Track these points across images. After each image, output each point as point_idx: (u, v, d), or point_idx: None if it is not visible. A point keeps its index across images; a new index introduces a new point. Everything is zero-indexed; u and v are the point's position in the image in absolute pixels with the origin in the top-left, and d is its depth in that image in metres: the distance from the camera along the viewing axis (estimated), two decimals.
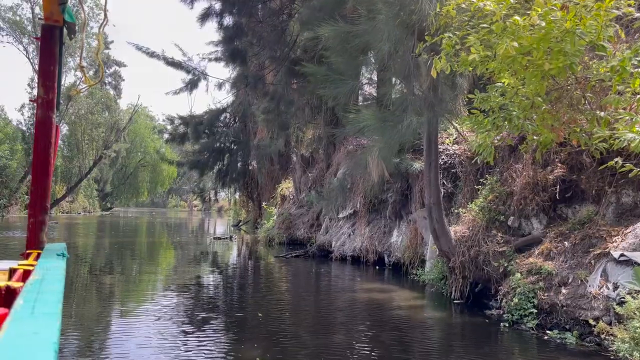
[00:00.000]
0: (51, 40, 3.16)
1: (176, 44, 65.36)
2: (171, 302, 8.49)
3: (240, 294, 10.12)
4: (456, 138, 10.75)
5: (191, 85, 26.75)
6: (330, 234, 15.57)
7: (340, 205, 9.45)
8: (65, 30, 3.35)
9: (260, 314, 7.75)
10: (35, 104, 3.09)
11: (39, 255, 2.57)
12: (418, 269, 11.26)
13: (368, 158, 7.86)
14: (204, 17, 15.82)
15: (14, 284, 1.73)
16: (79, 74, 46.23)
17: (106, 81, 55.16)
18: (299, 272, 13.20)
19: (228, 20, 16.33)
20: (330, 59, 10.23)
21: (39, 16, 46.40)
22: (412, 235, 11.70)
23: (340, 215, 15.61)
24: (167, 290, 9.90)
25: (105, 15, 3.97)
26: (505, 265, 7.66)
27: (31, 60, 45.72)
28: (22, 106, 44.84)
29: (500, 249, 7.85)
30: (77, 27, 3.61)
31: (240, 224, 32.84)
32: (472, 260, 8.13)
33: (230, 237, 21.80)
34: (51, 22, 3.15)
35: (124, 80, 64.13)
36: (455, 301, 8.66)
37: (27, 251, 2.86)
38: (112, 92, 55.82)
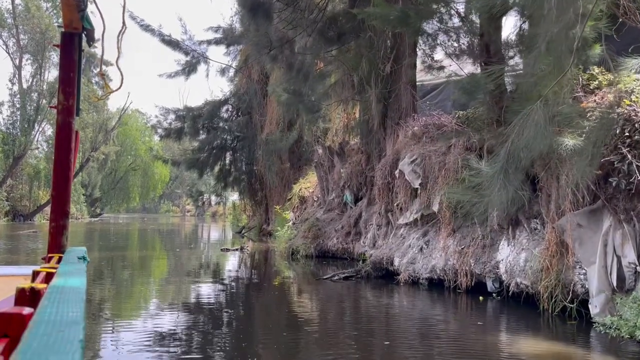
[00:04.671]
0: (71, 47, 3.09)
1: (179, 18, 51.99)
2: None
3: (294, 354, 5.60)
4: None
5: (189, 68, 22.10)
6: (388, 247, 11.08)
7: (496, 202, 5.27)
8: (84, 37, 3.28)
9: None
10: (55, 110, 3.09)
11: (60, 259, 2.54)
12: (562, 302, 6.84)
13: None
14: None
15: (38, 285, 1.56)
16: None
17: (93, 81, 50.64)
18: (365, 308, 8.70)
19: None
20: None
21: (20, 7, 41.49)
22: (550, 253, 7.27)
23: (401, 221, 11.16)
24: (175, 330, 5.43)
25: (124, 22, 3.65)
26: None
27: (11, 56, 40.72)
28: (1, 104, 39.78)
29: None
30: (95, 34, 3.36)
31: (244, 231, 28.22)
32: None
33: (241, 248, 17.22)
34: (71, 30, 3.08)
35: (111, 80, 59.29)
36: None
37: (49, 255, 2.81)
38: (99, 92, 51.06)
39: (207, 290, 10.01)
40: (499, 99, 7.76)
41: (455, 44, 9.20)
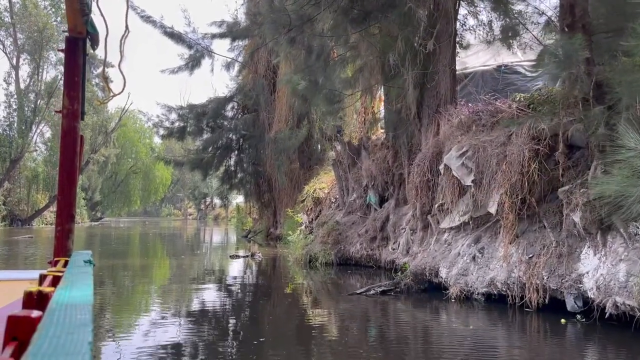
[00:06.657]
0: (75, 52, 3.08)
1: (182, 9, 47.34)
2: None
3: None
4: None
5: (193, 63, 20.38)
6: (431, 255, 9.36)
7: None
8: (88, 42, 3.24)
9: None
10: (57, 114, 3.09)
11: (66, 262, 2.50)
12: None
13: None
14: None
15: (46, 288, 1.52)
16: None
17: (93, 82, 48.94)
18: (420, 333, 6.97)
19: None
20: None
21: (18, 5, 39.75)
22: None
23: (445, 225, 9.45)
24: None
25: (127, 26, 3.51)
26: None
27: (8, 55, 39.00)
28: None
29: None
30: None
31: (250, 235, 26.49)
32: None
33: (252, 254, 15.50)
34: (75, 34, 3.06)
35: (112, 81, 57.46)
36: None
37: (55, 259, 2.77)
38: (99, 93, 49.34)
39: (219, 306, 8.26)
40: (589, 73, 6.07)
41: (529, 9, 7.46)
